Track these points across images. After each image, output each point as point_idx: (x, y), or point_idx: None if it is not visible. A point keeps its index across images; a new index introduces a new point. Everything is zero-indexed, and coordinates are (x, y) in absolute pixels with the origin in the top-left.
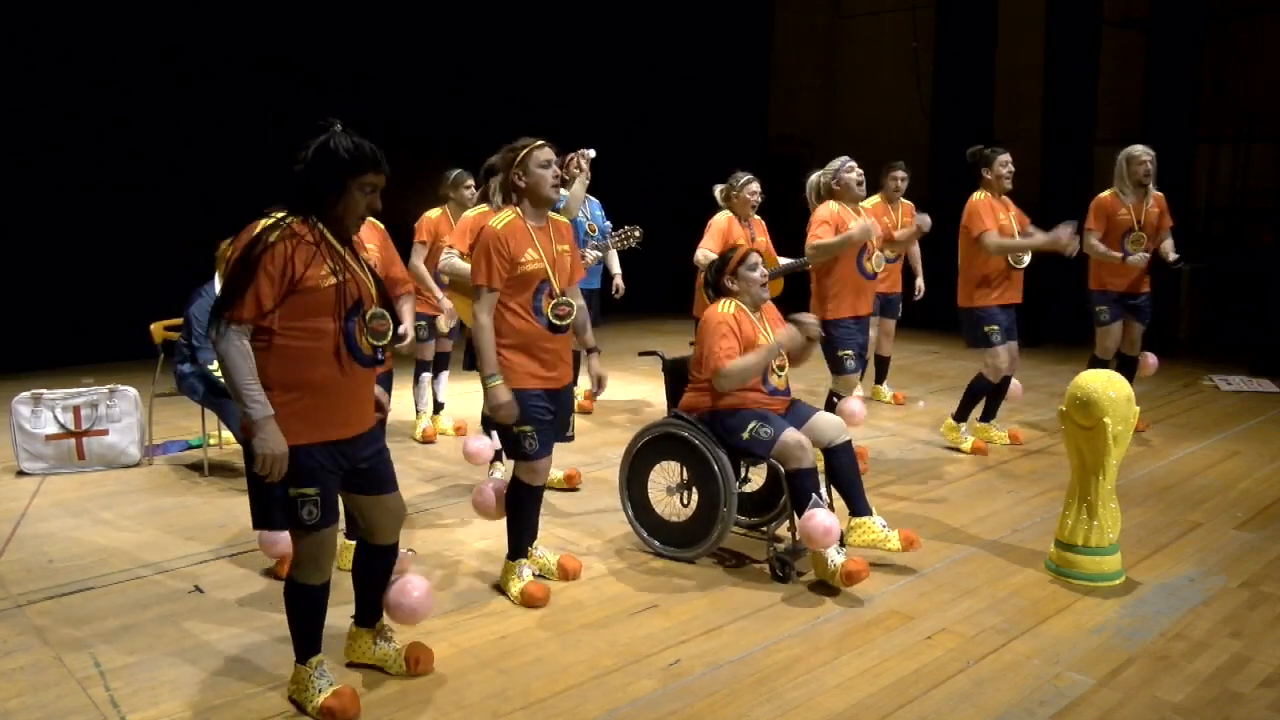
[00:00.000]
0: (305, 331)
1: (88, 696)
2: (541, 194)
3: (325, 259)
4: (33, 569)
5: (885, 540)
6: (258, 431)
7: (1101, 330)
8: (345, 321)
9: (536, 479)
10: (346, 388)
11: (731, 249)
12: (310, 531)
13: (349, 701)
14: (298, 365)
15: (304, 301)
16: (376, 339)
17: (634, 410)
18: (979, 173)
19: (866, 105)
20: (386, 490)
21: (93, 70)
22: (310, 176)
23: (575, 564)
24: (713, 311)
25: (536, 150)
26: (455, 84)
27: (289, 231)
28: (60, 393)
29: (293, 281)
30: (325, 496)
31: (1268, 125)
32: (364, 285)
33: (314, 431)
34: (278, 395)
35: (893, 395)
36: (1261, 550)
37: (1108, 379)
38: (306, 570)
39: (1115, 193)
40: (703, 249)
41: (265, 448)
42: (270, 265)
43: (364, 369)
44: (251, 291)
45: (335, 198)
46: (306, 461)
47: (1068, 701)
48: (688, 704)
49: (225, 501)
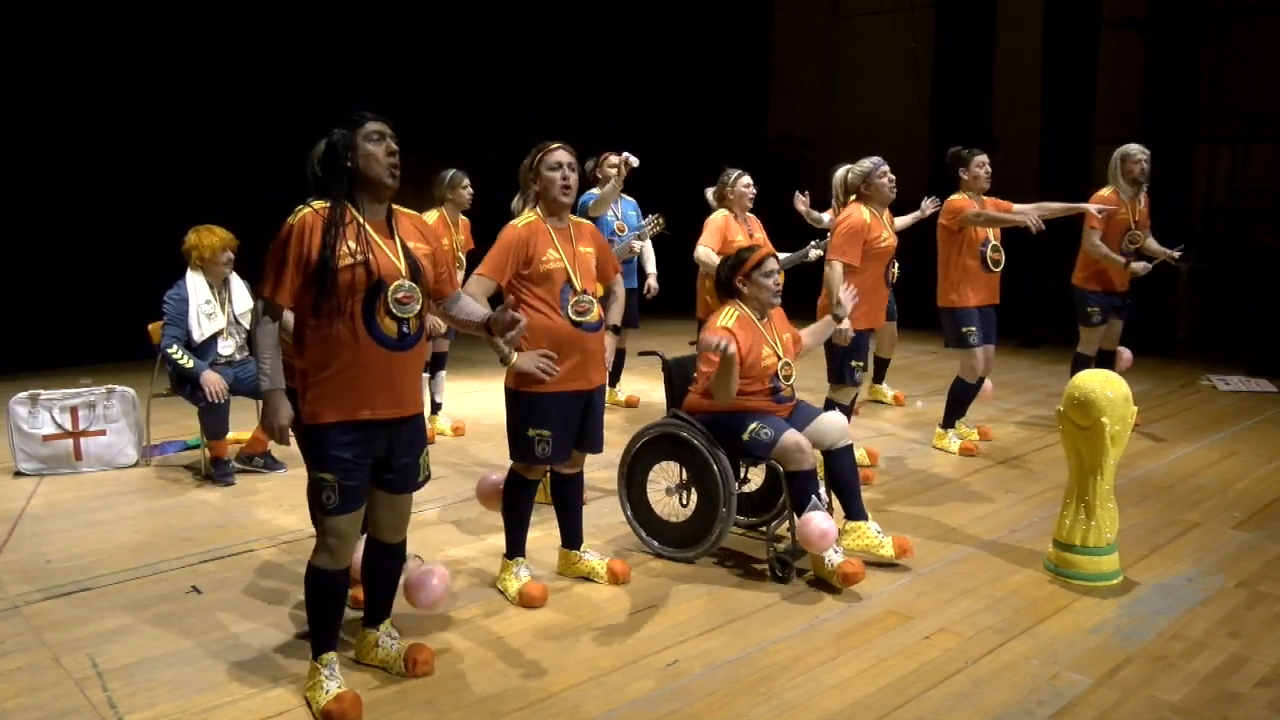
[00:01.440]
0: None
1: (85, 697)
2: (550, 196)
3: (347, 240)
4: (30, 570)
5: (879, 546)
6: (265, 403)
7: (1092, 330)
8: (364, 303)
9: (535, 474)
10: (371, 369)
11: (749, 249)
12: (328, 515)
13: (349, 707)
14: (323, 346)
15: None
16: (402, 310)
17: (634, 410)
18: (957, 174)
19: (866, 105)
20: (406, 491)
21: (90, 70)
22: (324, 164)
23: (624, 567)
24: (717, 315)
25: (549, 153)
26: (455, 84)
27: (312, 214)
28: (58, 393)
29: (310, 262)
30: (344, 484)
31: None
32: (388, 264)
33: (339, 411)
34: (311, 376)
35: (894, 396)
36: (1259, 550)
37: (1105, 379)
38: (320, 553)
39: (1114, 191)
40: (702, 245)
41: (268, 419)
42: (286, 246)
43: (390, 352)
44: (272, 270)
45: (353, 162)
46: (330, 447)
47: (1066, 701)
48: (686, 704)
49: (223, 502)
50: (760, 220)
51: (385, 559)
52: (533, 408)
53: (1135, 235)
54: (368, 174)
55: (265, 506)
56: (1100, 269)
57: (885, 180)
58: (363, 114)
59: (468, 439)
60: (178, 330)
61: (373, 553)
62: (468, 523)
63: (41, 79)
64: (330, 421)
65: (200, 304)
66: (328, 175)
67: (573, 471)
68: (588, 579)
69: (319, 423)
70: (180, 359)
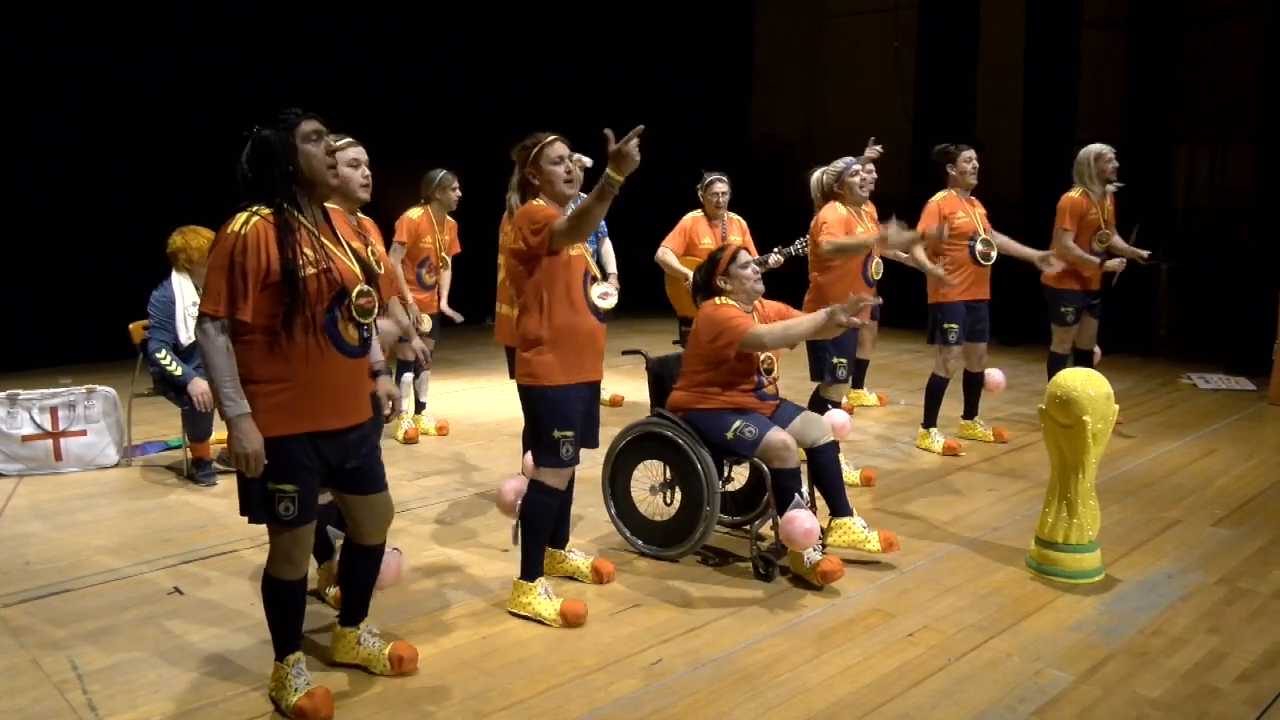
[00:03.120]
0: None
1: (65, 700)
2: (555, 190)
3: (303, 248)
4: (9, 571)
5: (865, 541)
6: (232, 429)
7: (1066, 329)
8: (327, 312)
9: (563, 481)
10: (332, 378)
11: (719, 250)
12: (287, 527)
13: (321, 702)
14: (279, 358)
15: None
16: (363, 316)
17: (617, 409)
18: (944, 170)
19: (849, 105)
20: (376, 490)
21: (71, 72)
22: (257, 166)
23: (609, 566)
24: (708, 306)
25: (548, 146)
26: (437, 85)
27: (263, 223)
28: (37, 393)
29: (268, 273)
30: (304, 494)
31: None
32: (347, 271)
33: (298, 422)
34: (261, 388)
35: (877, 397)
36: (1238, 546)
37: (1087, 377)
38: (279, 565)
39: (1084, 192)
40: (663, 246)
41: (239, 445)
42: (243, 257)
43: (349, 359)
44: (226, 285)
45: (293, 164)
46: (287, 458)
47: (1048, 698)
48: (670, 703)
49: (205, 502)
50: (744, 220)
51: (365, 560)
52: (558, 405)
53: (1104, 235)
54: (312, 177)
55: None
56: (1074, 268)
57: (857, 180)
58: (295, 112)
59: (452, 438)
60: (165, 334)
61: (352, 554)
62: (453, 521)
63: (18, 81)
64: (290, 434)
65: (187, 306)
66: (264, 179)
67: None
68: (572, 578)
69: (277, 434)
70: (169, 364)
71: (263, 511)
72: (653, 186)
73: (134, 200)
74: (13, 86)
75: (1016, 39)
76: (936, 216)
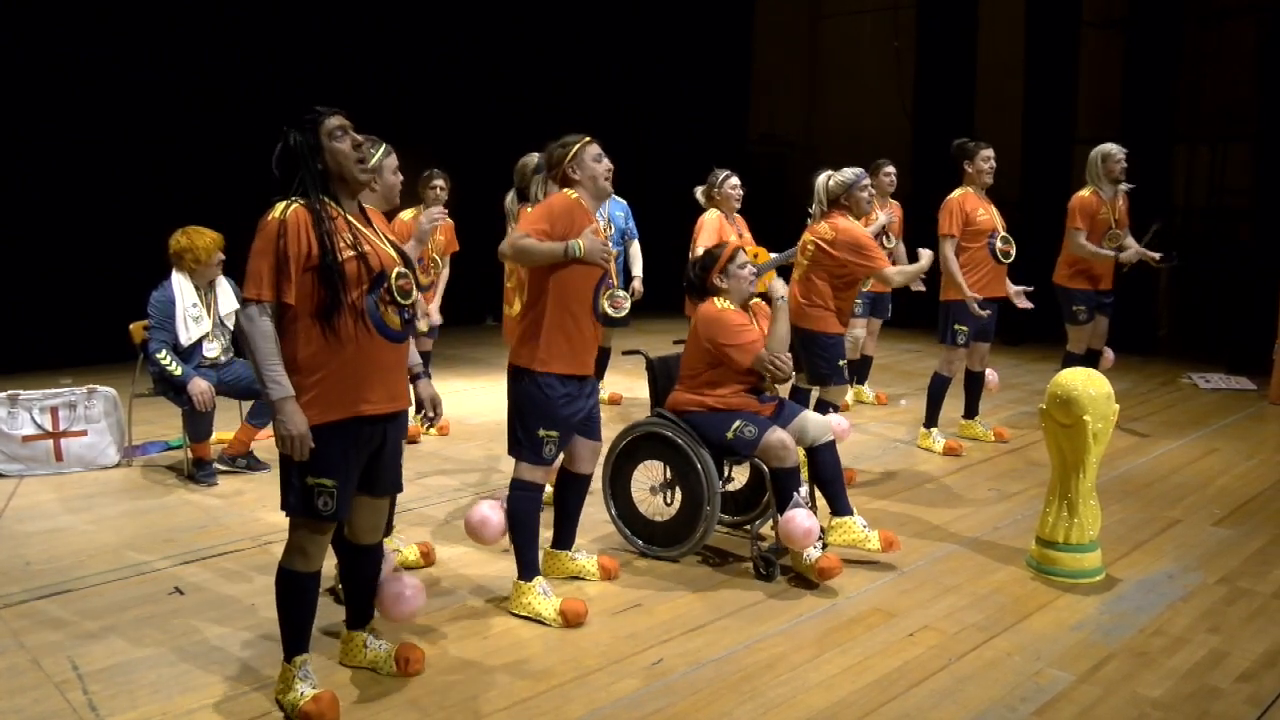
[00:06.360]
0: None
1: (65, 700)
2: (598, 185)
3: (341, 234)
4: (10, 572)
5: (865, 540)
6: (278, 412)
7: (1080, 329)
8: (368, 295)
9: (541, 476)
10: (375, 363)
11: (718, 246)
12: (322, 521)
13: (327, 707)
14: (322, 345)
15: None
16: (403, 298)
17: (617, 408)
18: (961, 166)
19: (848, 104)
20: (388, 492)
21: (71, 72)
22: (287, 168)
23: (613, 563)
24: (711, 308)
25: (588, 145)
26: (438, 85)
27: (302, 209)
28: (38, 393)
29: (310, 257)
30: (343, 489)
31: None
32: (384, 255)
33: (342, 408)
34: (306, 379)
35: (875, 395)
36: (1239, 546)
37: (1087, 377)
38: (293, 557)
39: (1094, 190)
40: (703, 247)
41: (284, 428)
42: (284, 241)
43: (392, 344)
44: (270, 269)
45: (320, 161)
46: (329, 451)
47: (1048, 698)
48: (670, 703)
49: (205, 502)
50: (744, 220)
51: (366, 561)
52: (547, 399)
53: (1115, 234)
54: (341, 173)
55: (248, 507)
56: (1084, 266)
57: (865, 194)
58: (317, 110)
59: (452, 438)
60: (166, 335)
61: (351, 556)
62: (453, 522)
63: (19, 79)
64: (331, 421)
65: (187, 307)
66: (295, 180)
67: (588, 471)
68: (576, 578)
69: (322, 423)
70: (169, 365)
71: (300, 504)
72: (652, 186)
73: (134, 200)
74: (13, 86)
75: (1016, 39)
76: (957, 213)
